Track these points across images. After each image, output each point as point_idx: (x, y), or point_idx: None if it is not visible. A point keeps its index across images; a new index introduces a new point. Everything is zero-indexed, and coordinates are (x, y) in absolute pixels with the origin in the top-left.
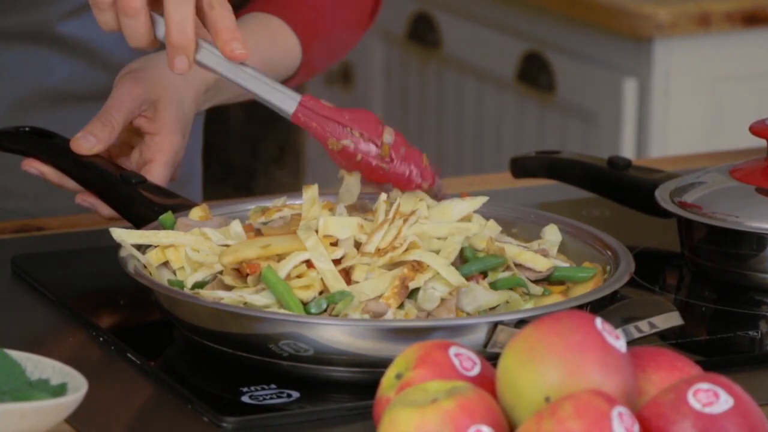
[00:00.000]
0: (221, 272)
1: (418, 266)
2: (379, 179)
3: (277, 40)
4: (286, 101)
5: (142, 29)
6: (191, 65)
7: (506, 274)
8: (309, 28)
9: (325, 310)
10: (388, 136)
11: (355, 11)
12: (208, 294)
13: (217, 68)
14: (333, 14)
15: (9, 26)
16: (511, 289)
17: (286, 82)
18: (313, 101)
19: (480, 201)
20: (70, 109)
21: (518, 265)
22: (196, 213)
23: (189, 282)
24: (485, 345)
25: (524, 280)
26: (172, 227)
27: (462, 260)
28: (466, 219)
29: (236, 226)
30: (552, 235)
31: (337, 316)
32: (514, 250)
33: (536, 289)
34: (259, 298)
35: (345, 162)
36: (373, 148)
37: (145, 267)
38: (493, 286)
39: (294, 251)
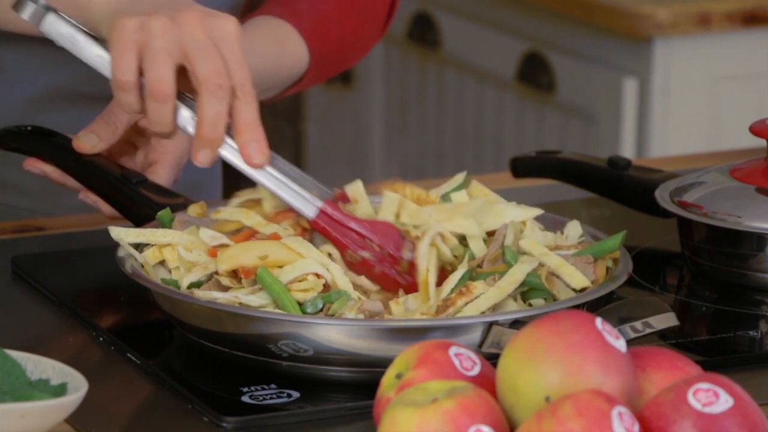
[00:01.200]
0: (217, 272)
1: (465, 290)
2: (394, 289)
3: (285, 46)
4: (306, 206)
5: (170, 115)
6: (214, 160)
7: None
8: (318, 35)
9: (321, 310)
10: (408, 252)
11: (367, 21)
12: (203, 294)
13: (240, 166)
14: (344, 22)
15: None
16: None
17: (291, 86)
18: (334, 208)
19: (534, 212)
20: (85, 109)
21: (554, 275)
22: (194, 210)
23: (185, 282)
24: (480, 345)
25: (552, 293)
26: (169, 224)
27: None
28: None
29: (204, 234)
30: (573, 230)
31: (332, 315)
32: (556, 261)
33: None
34: (254, 299)
35: (364, 272)
36: (391, 263)
37: (143, 266)
38: (523, 295)
39: (292, 261)
